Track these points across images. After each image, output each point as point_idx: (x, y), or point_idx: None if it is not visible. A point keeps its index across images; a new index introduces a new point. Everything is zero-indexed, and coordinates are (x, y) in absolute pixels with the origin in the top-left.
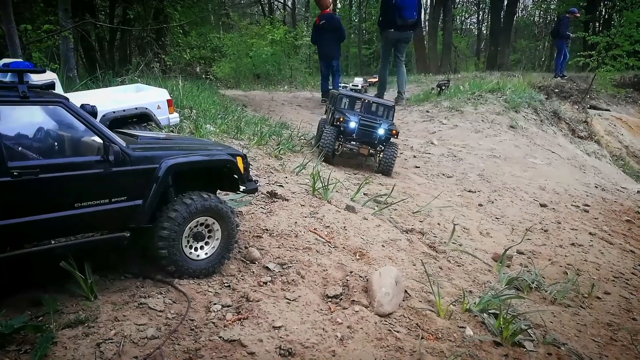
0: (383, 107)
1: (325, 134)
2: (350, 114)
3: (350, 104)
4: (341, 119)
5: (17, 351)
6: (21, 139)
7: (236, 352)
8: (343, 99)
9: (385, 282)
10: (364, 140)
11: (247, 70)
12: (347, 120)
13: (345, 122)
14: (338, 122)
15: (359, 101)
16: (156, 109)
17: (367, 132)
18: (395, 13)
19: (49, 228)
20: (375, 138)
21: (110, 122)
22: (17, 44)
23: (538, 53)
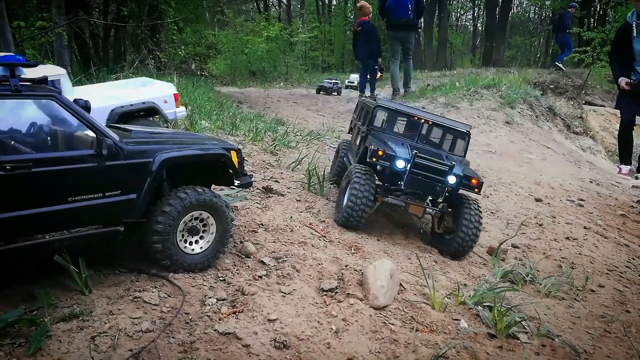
0: (451, 133)
1: (355, 185)
2: (396, 144)
3: (394, 124)
4: (380, 153)
5: (12, 345)
6: (14, 133)
7: (231, 345)
8: (381, 115)
9: (381, 275)
10: (420, 193)
11: (242, 67)
12: (392, 156)
13: (387, 160)
14: (374, 159)
15: (410, 120)
16: (163, 103)
17: (427, 179)
18: (389, 14)
19: (43, 222)
20: (440, 190)
21: (118, 117)
22: (10, 41)
23: (533, 49)
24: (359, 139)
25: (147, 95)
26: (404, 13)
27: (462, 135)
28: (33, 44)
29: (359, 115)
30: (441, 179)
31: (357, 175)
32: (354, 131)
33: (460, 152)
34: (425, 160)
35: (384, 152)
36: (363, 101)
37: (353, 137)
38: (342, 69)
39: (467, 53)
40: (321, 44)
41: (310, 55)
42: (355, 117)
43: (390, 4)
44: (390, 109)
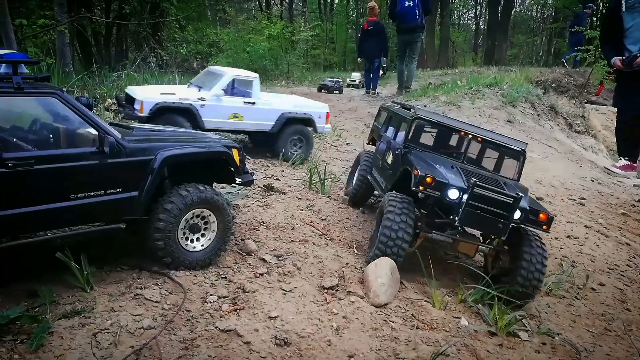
0: (503, 152)
1: (389, 215)
2: (444, 168)
3: (435, 139)
4: (429, 180)
5: (14, 341)
6: (16, 130)
7: (232, 342)
8: (420, 128)
9: (381, 273)
10: (480, 229)
11: (244, 66)
12: (444, 184)
13: (437, 188)
14: (421, 187)
15: (455, 135)
16: (317, 118)
17: (489, 214)
18: (399, 19)
19: (45, 219)
20: (503, 228)
21: (285, 120)
22: (13, 39)
23: (535, 48)
24: (389, 155)
25: (309, 109)
26: (413, 18)
27: (516, 154)
28: (35, 42)
29: (387, 124)
30: (505, 214)
31: (391, 204)
32: (380, 143)
33: (513, 174)
34: (486, 191)
35: (433, 179)
36: (392, 109)
37: (378, 150)
38: (344, 68)
39: (469, 52)
40: (323, 43)
41: (312, 53)
42: (380, 127)
43: (399, 9)
44: (433, 122)
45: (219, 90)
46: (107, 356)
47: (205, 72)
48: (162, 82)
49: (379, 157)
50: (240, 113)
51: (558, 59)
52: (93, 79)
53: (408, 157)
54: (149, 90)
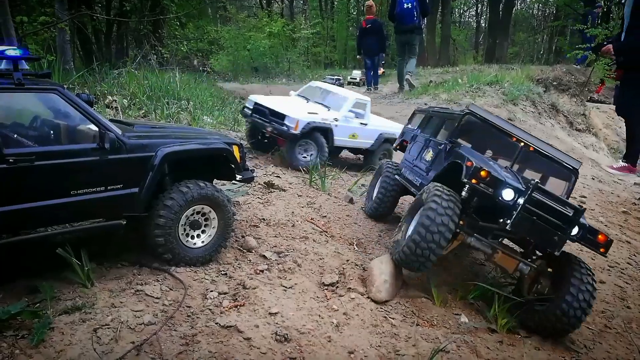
0: (554, 168)
1: (429, 211)
2: (499, 168)
3: (483, 140)
4: (484, 174)
5: (15, 336)
6: (17, 126)
7: (232, 338)
8: (470, 125)
9: (386, 270)
10: (533, 237)
11: (244, 63)
12: (500, 181)
13: (491, 184)
14: (474, 180)
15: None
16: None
17: (546, 223)
18: (397, 20)
19: (45, 215)
20: (559, 242)
21: (383, 140)
22: (13, 36)
23: (536, 46)
24: (427, 153)
25: (395, 129)
26: (411, 19)
27: (568, 173)
28: (36, 39)
29: (424, 126)
30: (563, 227)
31: (435, 197)
32: (412, 145)
33: (562, 193)
34: (545, 197)
35: (488, 174)
36: (432, 109)
37: (411, 152)
38: (345, 65)
39: (470, 50)
40: (323, 40)
41: (313, 51)
42: (413, 130)
43: (398, 11)
44: (485, 120)
45: (346, 111)
46: (108, 351)
47: (317, 89)
48: (162, 79)
49: (411, 159)
50: (357, 133)
51: (559, 57)
52: (94, 76)
53: (457, 150)
54: (293, 107)
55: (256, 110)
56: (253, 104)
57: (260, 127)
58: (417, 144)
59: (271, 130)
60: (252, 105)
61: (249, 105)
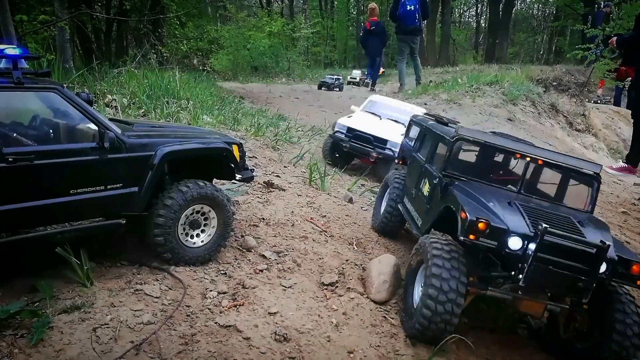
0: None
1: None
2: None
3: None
4: (482, 226)
5: (14, 335)
6: (16, 125)
7: (232, 337)
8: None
9: (385, 270)
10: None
11: (244, 63)
12: (502, 231)
13: (494, 236)
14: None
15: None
16: None
17: (565, 270)
18: (399, 21)
19: (45, 214)
20: (585, 288)
21: None
22: (13, 35)
23: (536, 46)
24: (425, 184)
25: None
26: (412, 21)
27: (588, 180)
28: (35, 38)
29: (420, 142)
30: (587, 270)
31: (437, 259)
32: (411, 164)
33: (585, 205)
34: (560, 238)
35: (487, 225)
36: (426, 123)
37: (411, 174)
38: (345, 65)
39: (470, 50)
40: (323, 40)
41: (313, 50)
42: (411, 144)
43: (401, 12)
44: (480, 143)
45: None
46: (107, 351)
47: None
48: (162, 78)
49: (411, 184)
50: None
51: (559, 57)
52: (93, 75)
53: (451, 191)
54: (387, 130)
55: (356, 136)
56: (346, 129)
57: (361, 152)
58: (415, 166)
59: (376, 155)
60: (345, 130)
61: (341, 130)
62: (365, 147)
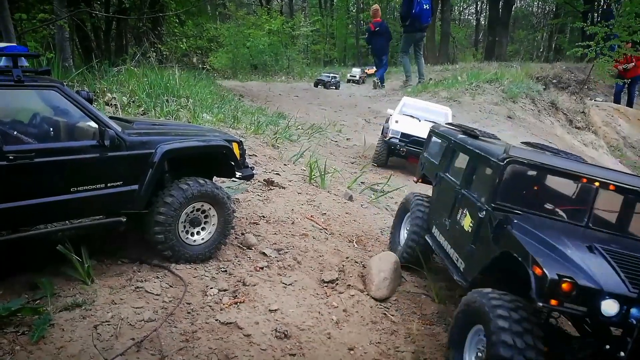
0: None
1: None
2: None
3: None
4: (566, 287)
5: (15, 333)
6: (16, 123)
7: (232, 334)
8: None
9: (385, 267)
10: None
11: (244, 61)
12: (593, 291)
13: (581, 299)
14: (554, 302)
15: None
16: None
17: None
18: (415, 20)
19: (45, 212)
20: None
21: None
22: (12, 33)
23: (536, 44)
24: (464, 215)
25: None
26: (427, 19)
27: None
28: (35, 37)
29: (449, 159)
30: None
31: (506, 335)
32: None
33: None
34: None
35: (574, 285)
36: (455, 137)
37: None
38: (344, 63)
39: (470, 47)
40: (323, 38)
41: (312, 49)
42: (436, 161)
43: (417, 11)
44: (538, 167)
45: None
46: (108, 348)
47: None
48: (161, 76)
49: (442, 211)
50: None
51: (559, 54)
52: (93, 74)
53: (509, 231)
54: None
55: (413, 141)
56: (400, 134)
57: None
58: (446, 191)
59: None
60: (399, 136)
61: (396, 136)
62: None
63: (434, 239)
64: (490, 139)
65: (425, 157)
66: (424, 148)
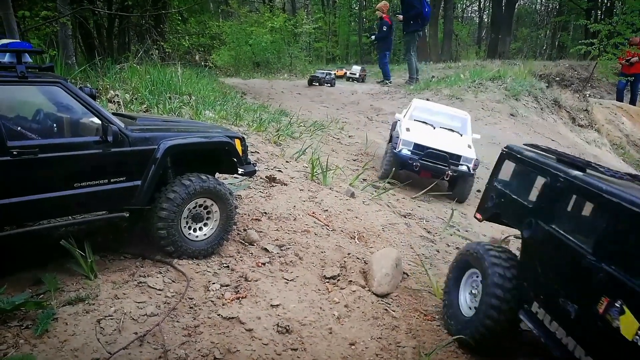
0: None
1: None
2: None
3: None
4: None
5: (19, 327)
6: (20, 119)
7: (234, 329)
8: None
9: (386, 263)
10: None
11: (246, 59)
12: None
13: None
14: None
15: None
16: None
17: None
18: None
19: (49, 207)
20: None
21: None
22: (15, 30)
23: (539, 41)
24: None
25: None
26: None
27: None
28: (38, 34)
29: (549, 203)
30: None
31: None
32: (542, 248)
33: None
34: None
35: None
36: (551, 167)
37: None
38: (347, 60)
39: (473, 45)
40: (325, 35)
41: (315, 46)
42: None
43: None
44: None
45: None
46: (111, 342)
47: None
48: (164, 74)
49: (553, 285)
50: None
51: (562, 52)
52: (96, 71)
53: None
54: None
55: (429, 154)
56: (413, 145)
57: (435, 171)
58: (556, 252)
59: (452, 173)
60: (411, 147)
61: (408, 147)
62: (440, 165)
63: (539, 324)
64: (611, 175)
65: (500, 189)
66: (492, 174)
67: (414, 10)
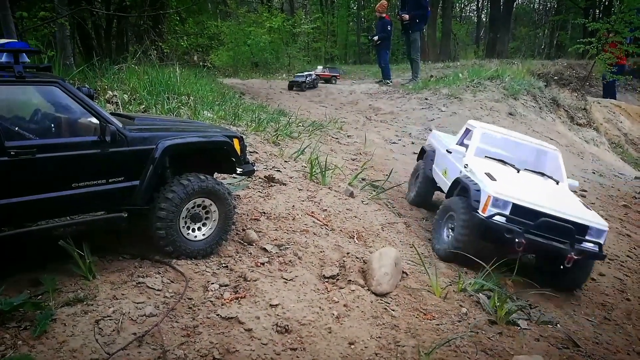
0: None
1: None
2: None
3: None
4: None
5: (17, 327)
6: (18, 119)
7: (234, 329)
8: None
9: (386, 262)
10: None
11: (245, 59)
12: None
13: None
14: None
15: None
16: None
17: None
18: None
19: (47, 208)
20: None
21: None
22: (13, 31)
23: (538, 41)
24: None
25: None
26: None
27: None
28: (36, 35)
29: None
30: None
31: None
32: None
33: None
34: None
35: None
36: None
37: None
38: (345, 60)
39: (471, 44)
40: (324, 35)
41: (313, 46)
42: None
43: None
44: None
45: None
46: (110, 342)
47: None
48: (162, 74)
49: None
50: None
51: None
52: (94, 72)
53: None
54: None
55: (543, 224)
56: (511, 207)
57: (549, 253)
58: None
59: (576, 257)
60: (508, 211)
61: (503, 211)
62: (558, 242)
63: None
64: None
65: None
66: None
67: (422, 9)
